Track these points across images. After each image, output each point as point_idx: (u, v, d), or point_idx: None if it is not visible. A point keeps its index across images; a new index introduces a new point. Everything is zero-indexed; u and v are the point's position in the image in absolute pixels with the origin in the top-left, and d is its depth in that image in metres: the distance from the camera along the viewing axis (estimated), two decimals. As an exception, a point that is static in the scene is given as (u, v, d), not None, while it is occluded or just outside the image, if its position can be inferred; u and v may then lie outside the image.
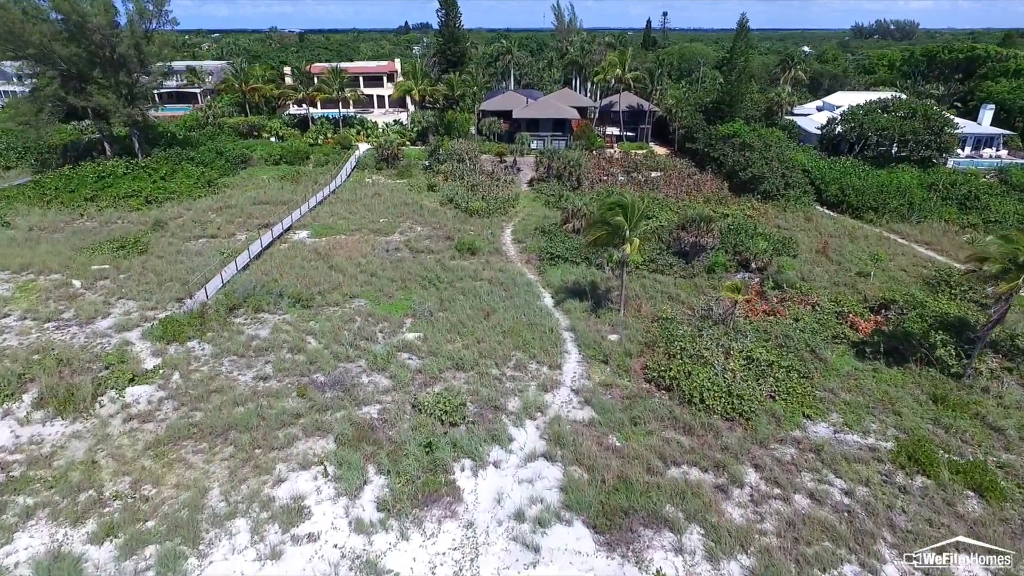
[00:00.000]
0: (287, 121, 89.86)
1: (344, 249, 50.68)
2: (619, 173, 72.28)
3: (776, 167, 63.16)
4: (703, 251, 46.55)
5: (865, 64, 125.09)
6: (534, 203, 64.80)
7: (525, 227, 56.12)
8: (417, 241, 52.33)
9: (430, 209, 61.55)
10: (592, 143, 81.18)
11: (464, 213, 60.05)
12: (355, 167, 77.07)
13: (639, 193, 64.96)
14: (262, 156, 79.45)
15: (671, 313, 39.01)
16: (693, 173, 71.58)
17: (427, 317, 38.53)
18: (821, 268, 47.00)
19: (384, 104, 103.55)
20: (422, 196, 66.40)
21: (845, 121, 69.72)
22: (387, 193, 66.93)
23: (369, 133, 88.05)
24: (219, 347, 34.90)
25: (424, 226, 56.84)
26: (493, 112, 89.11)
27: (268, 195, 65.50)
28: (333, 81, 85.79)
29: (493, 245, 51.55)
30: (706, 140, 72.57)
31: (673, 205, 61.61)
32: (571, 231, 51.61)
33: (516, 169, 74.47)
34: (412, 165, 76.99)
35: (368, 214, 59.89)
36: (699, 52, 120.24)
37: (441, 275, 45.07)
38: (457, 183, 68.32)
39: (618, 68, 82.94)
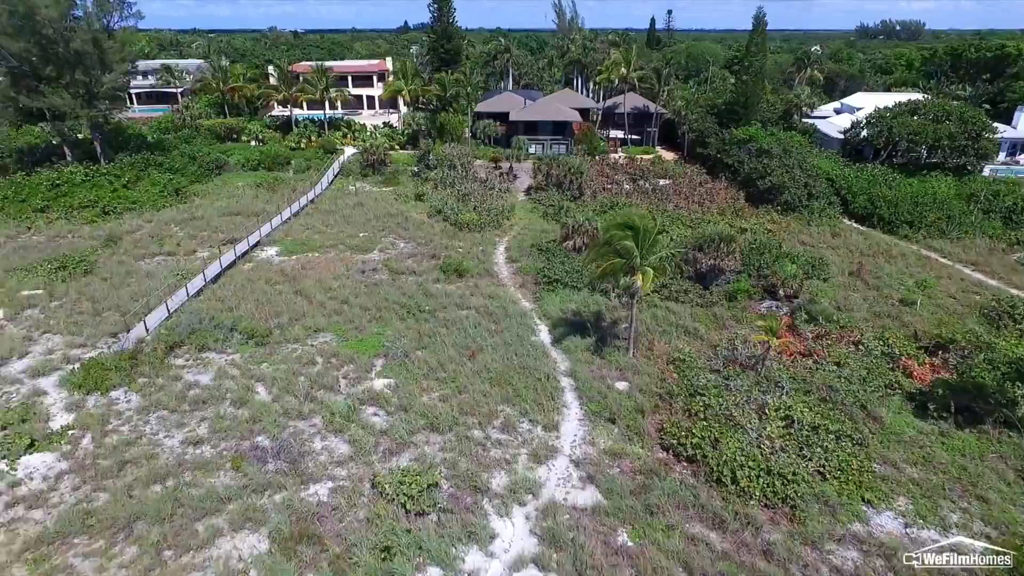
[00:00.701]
0: (269, 123, 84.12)
1: (315, 270, 44.83)
2: (624, 181, 66.41)
3: (798, 176, 57.23)
4: (722, 274, 40.63)
5: (881, 64, 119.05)
6: (531, 214, 58.93)
7: (520, 243, 50.23)
8: (398, 260, 46.47)
9: (416, 221, 55.72)
10: (595, 148, 75.35)
11: (453, 227, 54.19)
12: (338, 173, 71.27)
13: (647, 205, 59.15)
14: (239, 161, 73.69)
15: (689, 353, 33.09)
16: (705, 181, 65.67)
17: (401, 359, 32.65)
18: (858, 294, 41.06)
19: (375, 105, 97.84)
20: (408, 206, 60.58)
21: (871, 125, 63.77)
22: (370, 203, 61.12)
23: (356, 136, 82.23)
24: (148, 398, 29.06)
25: (408, 242, 50.99)
26: (489, 114, 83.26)
27: (240, 205, 59.72)
28: (317, 81, 80.00)
29: (484, 265, 45.65)
30: (719, 145, 66.66)
31: (685, 218, 55.71)
32: (572, 249, 45.74)
33: (512, 176, 68.62)
34: (400, 171, 71.20)
35: (347, 227, 54.06)
36: (708, 51, 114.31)
37: (422, 303, 39.21)
38: (447, 192, 62.50)
39: (623, 67, 77.06)
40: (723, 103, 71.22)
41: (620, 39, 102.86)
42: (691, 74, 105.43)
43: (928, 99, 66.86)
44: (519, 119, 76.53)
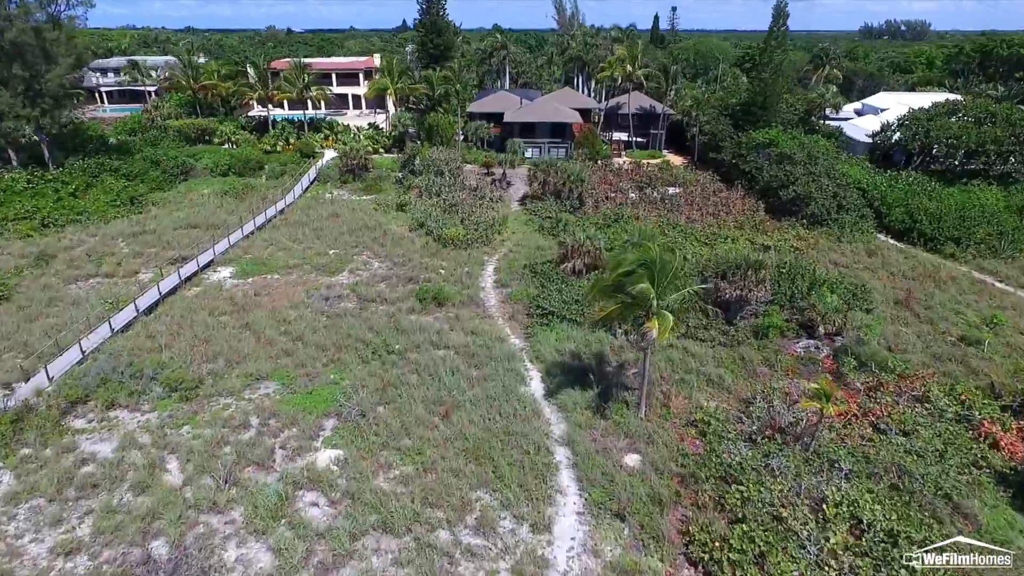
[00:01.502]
0: (244, 124, 77.69)
1: (271, 297, 38.45)
2: (630, 189, 59.99)
3: (826, 185, 50.80)
4: (748, 305, 34.20)
5: (899, 62, 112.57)
6: (526, 228, 52.50)
7: (512, 263, 43.79)
8: (369, 284, 40.06)
9: (395, 236, 49.33)
10: (597, 151, 68.96)
11: (437, 242, 47.78)
12: (315, 179, 64.87)
13: (656, 216, 52.70)
14: (208, 166, 67.27)
15: (715, 412, 26.67)
16: (719, 189, 59.25)
17: (356, 419, 26.25)
18: (909, 329, 34.62)
19: (360, 105, 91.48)
20: (389, 217, 54.19)
21: (905, 127, 57.37)
22: (347, 213, 54.73)
23: (339, 138, 75.77)
24: (24, 480, 22.65)
25: (383, 261, 44.58)
26: (482, 115, 76.88)
27: (201, 216, 53.36)
28: (296, 78, 73.58)
29: (468, 291, 39.21)
30: (734, 150, 60.24)
31: (698, 232, 49.27)
32: (570, 272, 39.31)
33: (506, 183, 62.21)
34: (383, 177, 64.79)
35: (316, 243, 47.66)
36: (717, 48, 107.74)
37: (391, 341, 32.81)
38: (433, 201, 56.09)
39: (627, 63, 70.66)
40: (738, 103, 64.78)
41: (623, 35, 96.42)
42: (699, 72, 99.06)
43: (966, 99, 60.41)
44: (514, 120, 70.13)
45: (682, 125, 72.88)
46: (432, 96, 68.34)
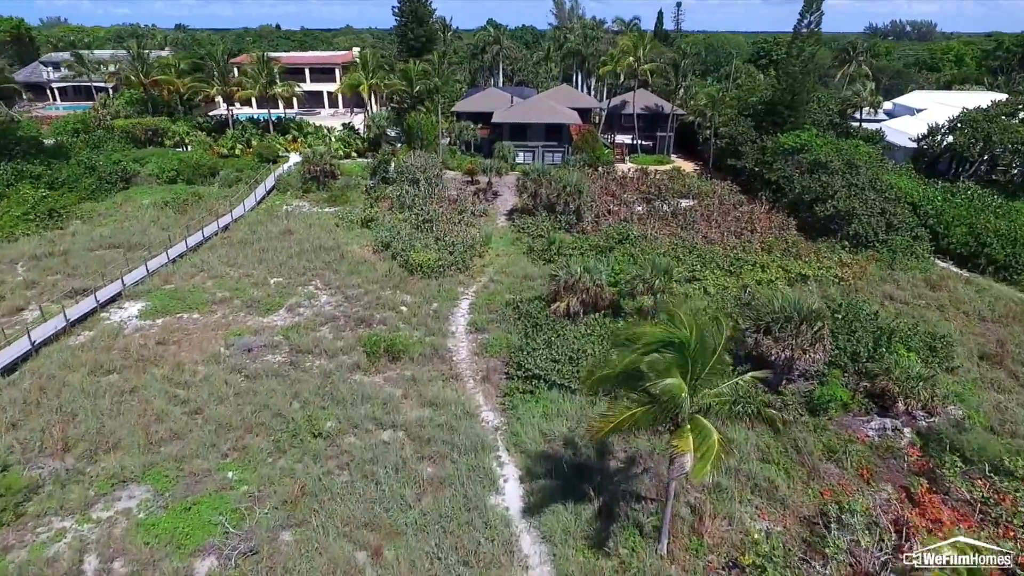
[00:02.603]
0: (201, 124, 69.22)
1: (180, 346, 30.05)
2: (635, 201, 51.62)
3: (871, 199, 42.43)
4: (796, 366, 25.77)
5: (925, 59, 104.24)
6: (512, 249, 44.09)
7: (492, 298, 35.37)
8: (309, 329, 31.64)
9: (355, 259, 40.98)
10: (597, 156, 60.63)
11: (403, 268, 39.40)
12: (273, 188, 56.50)
13: (668, 234, 44.27)
14: (154, 172, 58.92)
15: (770, 548, 18.23)
16: (740, 202, 50.85)
17: (239, 563, 17.79)
18: (1011, 398, 26.20)
19: (338, 103, 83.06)
20: (351, 235, 45.81)
21: (959, 130, 48.92)
22: (302, 230, 46.36)
23: (308, 140, 67.36)
24: None
25: (334, 293, 36.20)
26: (469, 114, 68.53)
27: (128, 233, 45.10)
28: (259, 73, 65.14)
29: (433, 339, 30.80)
30: (757, 156, 51.85)
31: (718, 255, 40.86)
32: (563, 315, 30.84)
33: (492, 194, 53.81)
34: (352, 186, 56.37)
35: (257, 269, 39.29)
36: (730, 42, 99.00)
37: (321, 417, 24.42)
38: (404, 216, 47.72)
39: (631, 57, 62.27)
40: (760, 102, 56.35)
41: (626, 28, 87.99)
42: (710, 69, 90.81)
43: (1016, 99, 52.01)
44: (504, 121, 61.74)
45: (693, 127, 64.60)
46: (411, 92, 59.89)
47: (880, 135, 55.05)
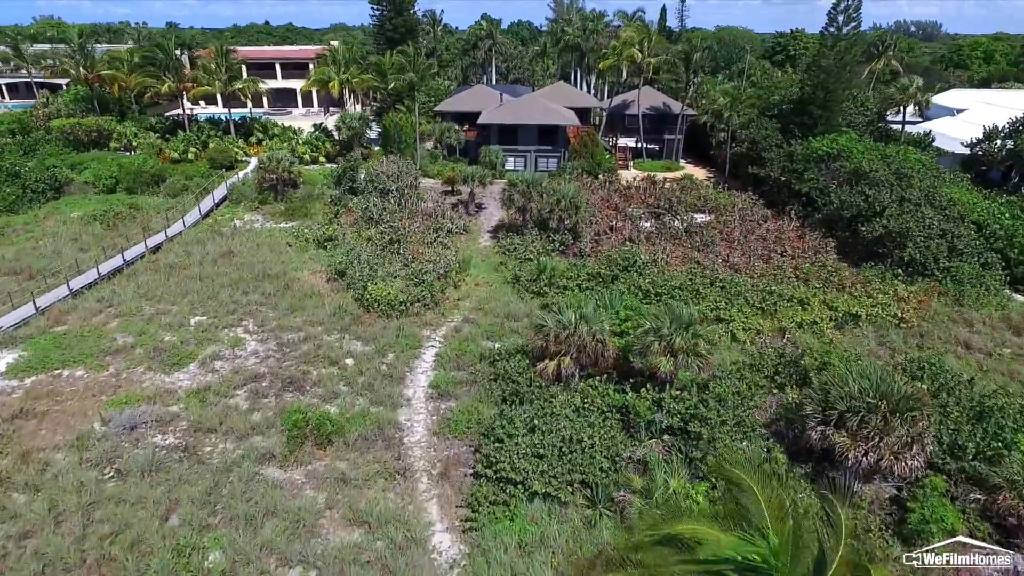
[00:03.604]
0: (154, 125, 61.77)
1: (41, 421, 22.61)
2: (642, 215, 44.18)
3: (929, 217, 35.01)
4: (877, 470, 18.25)
5: (952, 57, 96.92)
6: (495, 277, 36.65)
7: (463, 348, 27.85)
8: (221, 394, 24.18)
9: (302, 291, 33.56)
10: (597, 162, 53.21)
11: (359, 304, 31.94)
12: (224, 199, 49.10)
13: (682, 257, 36.85)
14: (91, 179, 51.59)
15: None
16: (765, 217, 43.45)
17: None
18: None
19: (312, 102, 75.58)
20: (304, 258, 38.43)
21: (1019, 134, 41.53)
22: (247, 251, 39.00)
23: (273, 143, 59.96)
24: None
25: (266, 339, 28.77)
26: (454, 115, 61.24)
27: (36, 255, 37.75)
28: (219, 68, 57.71)
29: (379, 411, 23.32)
30: (784, 163, 44.41)
31: (745, 287, 33.36)
32: (553, 378, 23.33)
33: (475, 206, 46.38)
34: (316, 196, 48.95)
35: (179, 303, 31.89)
36: (743, 37, 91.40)
37: (201, 545, 16.96)
38: (371, 233, 40.30)
39: (635, 48, 54.85)
40: (786, 101, 48.86)
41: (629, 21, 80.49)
42: (720, 66, 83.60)
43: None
44: (491, 122, 54.30)
45: (705, 129, 57.15)
46: (385, 88, 52.44)
47: (930, 139, 47.49)
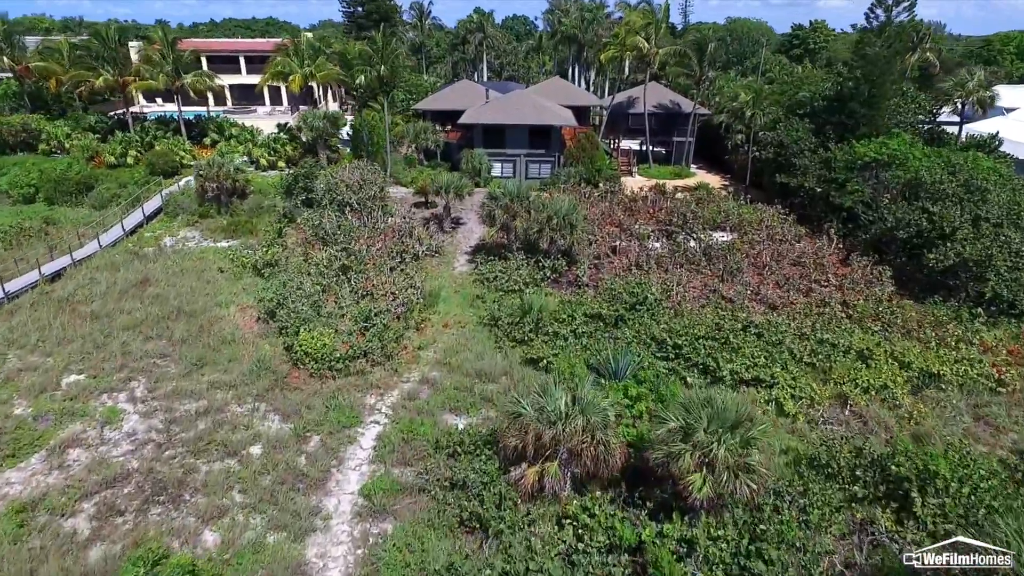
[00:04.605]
0: (93, 125, 54.42)
1: None
2: (651, 233, 36.89)
3: (1016, 242, 27.76)
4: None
5: (981, 52, 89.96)
6: (470, 315, 29.30)
7: (413, 434, 20.45)
8: (56, 507, 16.81)
9: (219, 338, 26.26)
10: (598, 168, 46.00)
11: (288, 357, 24.62)
12: (158, 211, 41.83)
13: (700, 291, 29.58)
14: (6, 187, 44.38)
15: None
16: (799, 236, 36.18)
17: None
18: None
19: (281, 99, 68.21)
20: (237, 288, 31.18)
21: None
22: (168, 278, 31.79)
23: (226, 146, 52.64)
24: None
25: (154, 412, 21.45)
26: (436, 113, 54.04)
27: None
28: (163, 59, 50.37)
29: (277, 541, 15.97)
30: (820, 171, 37.11)
31: (786, 331, 26.05)
32: (533, 491, 16.02)
33: (452, 222, 39.07)
34: (267, 208, 41.77)
35: (57, 355, 24.60)
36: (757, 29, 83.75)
37: None
38: (323, 256, 32.93)
39: (640, 37, 47.59)
40: (818, 97, 41.53)
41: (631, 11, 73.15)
42: (732, 61, 76.20)
43: None
44: (474, 121, 46.98)
45: (719, 131, 49.89)
46: (351, 82, 45.10)
47: (994, 141, 40.09)
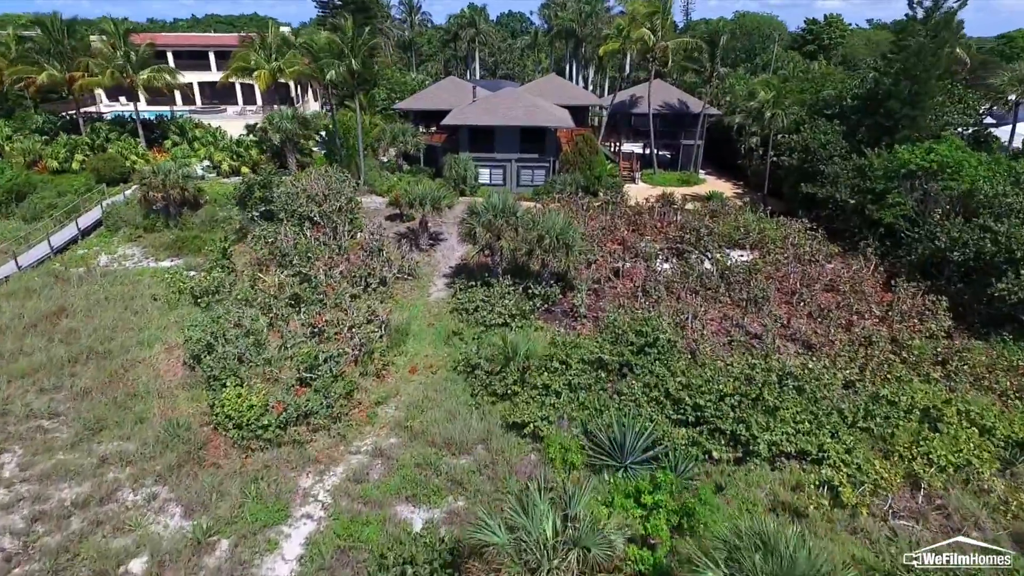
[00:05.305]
0: (41, 125, 49.31)
1: None
2: (659, 251, 31.87)
3: (1105, 270, 22.82)
4: None
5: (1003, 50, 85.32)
6: (444, 355, 24.25)
7: (353, 540, 15.47)
8: None
9: (132, 388, 21.21)
10: (597, 174, 41.05)
11: (211, 417, 19.55)
12: (97, 225, 36.81)
13: (717, 323, 24.66)
14: (-70, 196, 39.26)
15: None
16: (829, 255, 31.21)
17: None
18: None
19: (255, 98, 63.17)
20: (169, 321, 26.18)
21: None
22: (89, 308, 26.84)
23: (183, 150, 47.59)
24: None
25: (18, 504, 16.41)
26: (419, 113, 49.17)
27: None
28: (114, 53, 45.33)
29: None
30: (854, 181, 32.09)
31: (834, 386, 21.08)
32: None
33: (430, 238, 34.00)
34: (222, 221, 36.69)
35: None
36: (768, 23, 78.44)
37: None
38: (273, 279, 27.89)
39: (645, 28, 42.59)
40: (846, 95, 36.53)
41: (634, 5, 68.17)
42: (740, 58, 71.27)
43: None
44: (459, 123, 41.94)
45: (727, 132, 45.01)
46: (321, 79, 40.08)
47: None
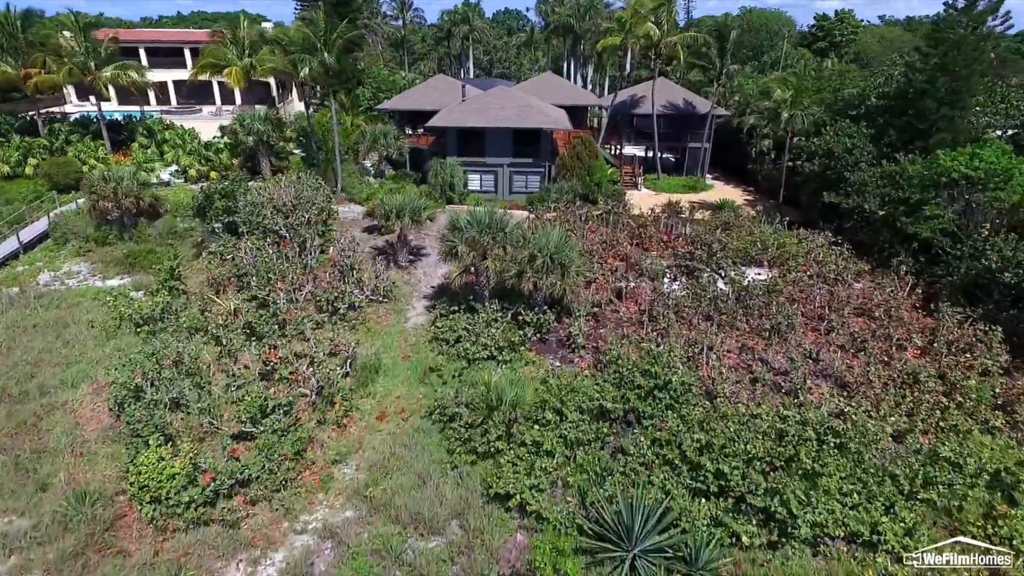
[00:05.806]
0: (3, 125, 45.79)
1: None
2: (666, 269, 28.38)
3: None
4: None
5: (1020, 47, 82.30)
6: (419, 396, 20.73)
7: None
8: None
9: (45, 442, 17.65)
10: (597, 180, 37.59)
11: (131, 487, 16.02)
12: (42, 237, 33.28)
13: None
14: None
15: None
16: (859, 272, 27.77)
17: None
18: None
19: (234, 97, 59.53)
20: (103, 353, 22.65)
21: None
22: (13, 337, 23.41)
23: (162, 151, 44.10)
24: None
25: None
26: (405, 114, 45.75)
27: None
28: (75, 49, 41.79)
29: None
30: (885, 191, 28.60)
31: (879, 439, 17.59)
32: None
33: (411, 253, 30.47)
34: (182, 232, 33.20)
35: None
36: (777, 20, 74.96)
37: None
38: (228, 306, 24.40)
39: (649, 23, 39.11)
40: (872, 94, 33.07)
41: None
42: (747, 55, 67.92)
43: None
44: (446, 124, 38.43)
45: (736, 135, 41.68)
46: (294, 74, 36.58)
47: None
